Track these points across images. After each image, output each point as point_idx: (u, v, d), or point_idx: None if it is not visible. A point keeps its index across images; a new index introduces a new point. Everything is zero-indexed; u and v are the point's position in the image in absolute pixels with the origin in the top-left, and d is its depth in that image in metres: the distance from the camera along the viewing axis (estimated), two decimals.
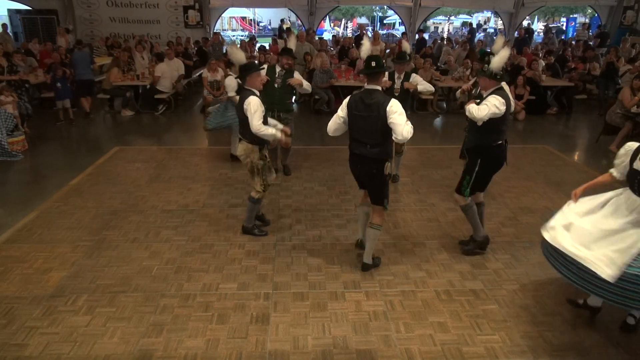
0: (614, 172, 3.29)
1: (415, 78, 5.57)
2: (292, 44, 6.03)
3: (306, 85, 5.94)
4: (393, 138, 3.65)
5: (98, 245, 4.43)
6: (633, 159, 3.08)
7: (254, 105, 4.07)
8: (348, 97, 3.79)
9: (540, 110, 10.16)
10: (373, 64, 3.68)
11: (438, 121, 9.91)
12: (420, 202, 5.51)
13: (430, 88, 5.74)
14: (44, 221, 4.92)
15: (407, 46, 6.01)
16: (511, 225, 4.95)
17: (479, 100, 3.99)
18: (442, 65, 12.42)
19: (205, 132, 8.78)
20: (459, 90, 5.05)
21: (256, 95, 4.16)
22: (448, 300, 3.67)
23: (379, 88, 3.73)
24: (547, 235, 3.28)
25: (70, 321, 3.36)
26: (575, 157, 7.60)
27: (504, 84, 4.43)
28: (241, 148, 4.37)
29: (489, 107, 3.75)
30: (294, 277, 3.95)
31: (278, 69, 5.84)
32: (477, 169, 4.05)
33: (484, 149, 4.01)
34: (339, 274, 4.00)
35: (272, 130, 4.17)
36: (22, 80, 9.25)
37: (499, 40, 4.81)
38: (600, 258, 2.92)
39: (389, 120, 3.57)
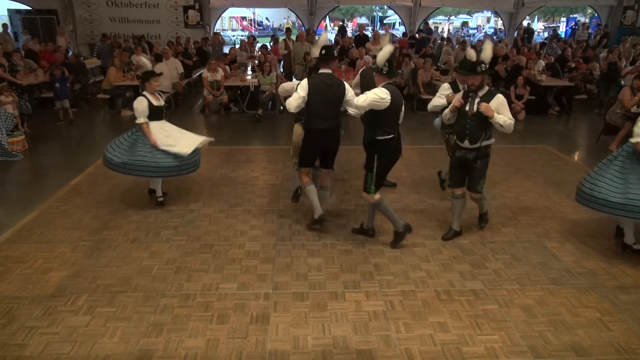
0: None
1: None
2: (382, 44, 5.75)
3: None
4: (350, 111, 4.39)
5: (98, 245, 4.43)
6: None
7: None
8: (306, 80, 4.42)
9: (540, 110, 10.16)
10: (323, 51, 4.41)
11: (438, 121, 9.87)
12: (420, 202, 5.51)
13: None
14: (44, 221, 4.92)
15: (472, 54, 4.89)
16: (511, 225, 4.95)
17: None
18: (442, 65, 12.41)
19: (205, 131, 8.79)
20: (448, 109, 4.51)
21: None
22: (448, 300, 3.67)
23: (331, 72, 4.44)
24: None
25: (70, 321, 3.36)
26: (575, 157, 7.60)
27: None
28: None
29: (367, 95, 4.00)
30: (294, 277, 3.95)
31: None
32: (375, 164, 4.20)
33: (379, 144, 4.15)
34: (339, 274, 4.01)
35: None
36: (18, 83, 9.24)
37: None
38: None
39: (346, 98, 4.37)
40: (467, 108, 4.27)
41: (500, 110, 4.15)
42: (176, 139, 5.03)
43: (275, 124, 9.55)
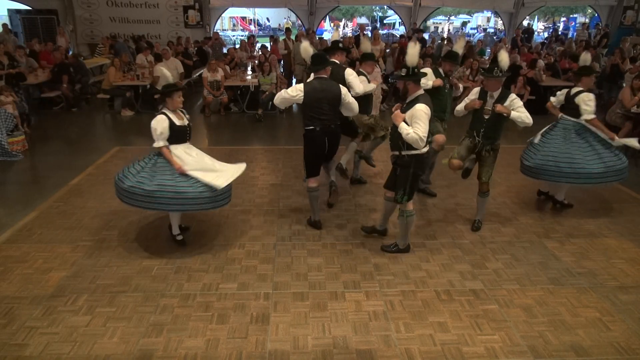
0: (554, 100, 5.25)
1: (514, 102, 4.37)
2: (459, 46, 5.36)
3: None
4: None
5: (98, 245, 4.43)
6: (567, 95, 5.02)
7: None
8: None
9: (540, 110, 10.14)
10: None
11: None
12: (420, 202, 5.50)
13: (529, 121, 4.34)
14: (44, 221, 4.92)
15: (505, 58, 4.38)
16: (511, 225, 4.95)
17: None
18: None
19: (205, 131, 8.81)
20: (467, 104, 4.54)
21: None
22: (448, 300, 3.67)
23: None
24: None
25: (70, 321, 3.36)
26: None
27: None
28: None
29: (280, 93, 4.47)
30: (294, 277, 3.95)
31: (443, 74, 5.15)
32: (304, 151, 4.62)
33: (305, 133, 4.53)
34: (339, 274, 4.01)
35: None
36: (20, 73, 9.20)
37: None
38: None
39: None
40: None
41: (411, 122, 3.76)
42: (205, 167, 4.13)
43: (275, 124, 9.55)
